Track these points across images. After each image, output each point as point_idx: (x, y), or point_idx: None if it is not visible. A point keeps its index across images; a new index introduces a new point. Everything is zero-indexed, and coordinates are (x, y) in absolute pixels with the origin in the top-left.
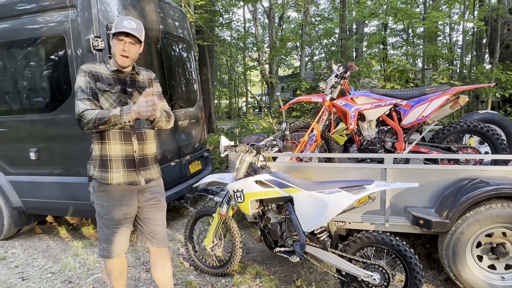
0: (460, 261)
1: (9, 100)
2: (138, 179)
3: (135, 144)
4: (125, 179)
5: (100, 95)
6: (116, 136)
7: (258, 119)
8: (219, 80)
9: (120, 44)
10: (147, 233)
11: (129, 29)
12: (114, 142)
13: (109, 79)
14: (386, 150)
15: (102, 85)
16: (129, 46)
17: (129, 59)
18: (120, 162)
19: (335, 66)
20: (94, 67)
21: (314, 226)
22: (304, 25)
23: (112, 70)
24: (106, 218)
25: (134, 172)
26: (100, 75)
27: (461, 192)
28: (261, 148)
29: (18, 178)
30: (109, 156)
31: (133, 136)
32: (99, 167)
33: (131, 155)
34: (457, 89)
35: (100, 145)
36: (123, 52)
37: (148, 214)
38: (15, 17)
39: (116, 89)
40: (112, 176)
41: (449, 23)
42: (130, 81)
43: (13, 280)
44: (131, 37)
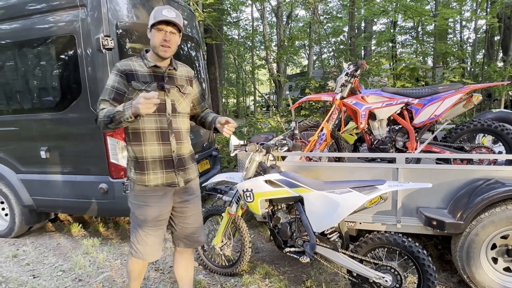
0: (474, 263)
1: (20, 99)
2: (177, 180)
3: (173, 144)
4: (163, 181)
5: (135, 94)
6: (153, 136)
7: (266, 118)
8: (227, 79)
9: (160, 34)
10: (183, 235)
11: (169, 17)
12: (150, 143)
13: (145, 76)
14: (397, 149)
15: (137, 84)
16: (170, 36)
17: (171, 49)
18: (158, 163)
19: (345, 64)
20: (130, 65)
21: (324, 227)
22: (313, 23)
23: (150, 66)
24: (141, 219)
25: (173, 173)
26: (135, 73)
27: (475, 192)
28: (270, 147)
29: (29, 177)
30: (145, 158)
31: (171, 136)
32: (135, 169)
33: (170, 155)
34: (470, 87)
35: (134, 147)
36: (164, 42)
37: (186, 216)
38: (26, 17)
39: (152, 86)
40: (149, 178)
41: (460, 21)
42: (168, 77)
43: (24, 277)
44: (172, 26)
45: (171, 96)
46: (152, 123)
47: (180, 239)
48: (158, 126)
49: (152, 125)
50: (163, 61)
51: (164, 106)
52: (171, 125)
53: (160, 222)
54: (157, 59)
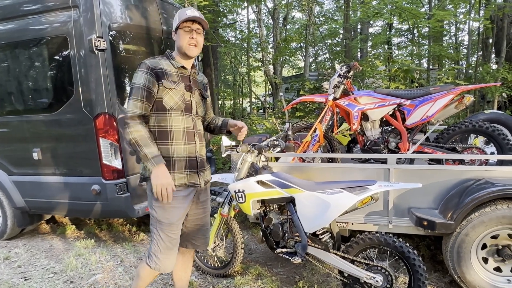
0: (465, 263)
1: (12, 100)
2: (199, 181)
3: (197, 144)
4: (187, 180)
5: (165, 93)
6: (180, 135)
7: (261, 120)
8: (223, 80)
9: (187, 33)
10: (192, 236)
11: (194, 17)
12: (177, 142)
13: (173, 75)
14: (389, 150)
15: (168, 82)
16: (196, 34)
17: (197, 48)
18: (183, 162)
19: (338, 65)
20: (159, 63)
21: (316, 227)
22: (308, 25)
23: (178, 66)
24: (165, 223)
25: (196, 173)
26: (165, 72)
27: (466, 193)
28: (262, 148)
29: (21, 178)
30: (171, 157)
31: (196, 136)
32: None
33: (194, 155)
34: (462, 88)
35: (161, 145)
36: (191, 40)
37: (199, 217)
38: (19, 17)
39: (180, 86)
40: (174, 177)
41: (454, 23)
42: (193, 80)
43: (15, 279)
44: (197, 24)
45: (195, 98)
46: (179, 122)
47: (188, 240)
48: (184, 126)
49: (179, 124)
50: (188, 63)
51: (191, 106)
52: (196, 126)
53: (180, 224)
54: (183, 61)
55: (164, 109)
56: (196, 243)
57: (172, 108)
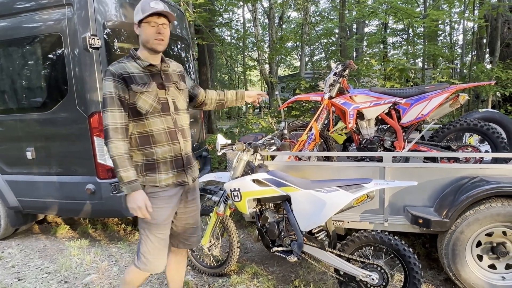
0: (460, 261)
1: (6, 98)
2: (187, 179)
3: (181, 142)
4: (174, 180)
5: (137, 98)
6: (162, 137)
7: (257, 119)
8: (219, 80)
9: (153, 28)
10: (182, 236)
11: (159, 9)
12: (161, 144)
13: (142, 77)
14: (385, 149)
15: (138, 87)
16: (162, 28)
17: (165, 42)
18: (169, 163)
19: (333, 64)
20: (124, 67)
21: (311, 225)
22: (304, 24)
23: (145, 66)
24: (153, 223)
25: (183, 171)
26: (132, 76)
27: (461, 190)
28: (258, 147)
29: (15, 178)
30: (157, 160)
31: (178, 134)
32: (144, 171)
33: (179, 154)
34: (456, 87)
35: (145, 151)
36: (158, 35)
37: (189, 216)
38: (13, 15)
39: (152, 87)
40: (160, 178)
41: (449, 22)
42: (164, 74)
43: (8, 280)
44: (163, 17)
45: (171, 94)
46: (159, 125)
47: (179, 239)
48: (165, 127)
49: (159, 126)
50: (156, 58)
51: (167, 105)
52: (177, 123)
53: (167, 224)
54: (150, 57)
55: (140, 114)
56: (188, 242)
57: (148, 112)
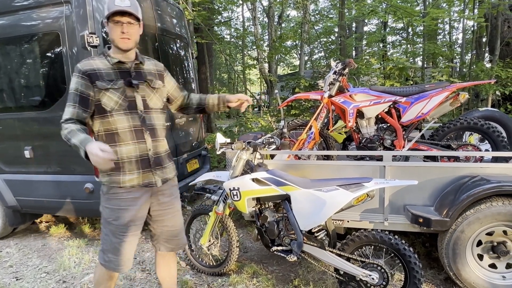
0: (460, 260)
1: (4, 97)
2: (155, 180)
3: (148, 142)
4: (140, 181)
5: (102, 95)
6: (127, 135)
7: (256, 118)
8: (218, 78)
9: (117, 27)
10: (163, 238)
11: (123, 7)
12: (126, 143)
13: (110, 74)
14: (385, 147)
15: (102, 83)
16: (127, 27)
17: (131, 40)
18: (134, 163)
19: (333, 63)
20: (91, 64)
21: (311, 225)
22: (303, 23)
23: (113, 63)
24: (115, 224)
25: (150, 172)
26: (98, 72)
27: (461, 190)
28: (257, 146)
29: (13, 177)
30: (120, 159)
31: (146, 133)
32: (109, 170)
33: (146, 154)
34: (457, 85)
35: None
36: (123, 34)
37: (165, 218)
38: (11, 13)
39: (118, 84)
40: (124, 178)
41: (449, 21)
42: (135, 72)
43: (6, 279)
44: (128, 16)
45: (141, 92)
46: (124, 122)
47: (160, 242)
48: (131, 125)
49: (124, 124)
50: (127, 55)
51: (135, 103)
52: (145, 122)
53: (135, 227)
54: (120, 54)
55: (105, 111)
56: (169, 245)
57: (113, 109)
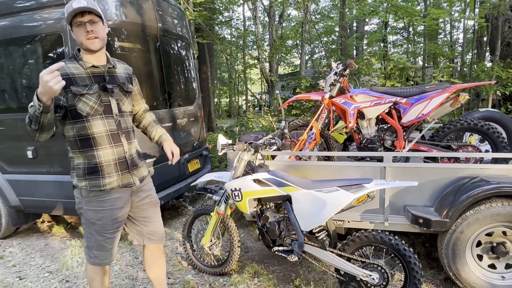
0: (460, 260)
1: (7, 98)
2: (133, 180)
3: (125, 145)
4: (119, 182)
5: (77, 100)
6: (104, 140)
7: (257, 118)
8: (219, 78)
9: (81, 28)
10: (146, 233)
11: (81, 8)
12: (103, 147)
13: (84, 79)
14: (385, 148)
15: (78, 88)
16: (91, 26)
17: (98, 39)
18: (113, 166)
19: (334, 64)
20: (64, 69)
21: (312, 225)
22: (304, 23)
23: (87, 67)
24: (99, 224)
25: (128, 173)
26: (73, 77)
27: (461, 190)
28: (259, 147)
29: (15, 177)
30: (99, 163)
31: (122, 136)
32: (88, 175)
33: (123, 156)
34: (457, 86)
35: (86, 153)
36: (88, 34)
37: (146, 213)
38: (13, 14)
39: (94, 89)
40: (104, 182)
41: (449, 21)
42: (109, 76)
43: (10, 279)
44: (88, 14)
45: (115, 96)
46: (100, 127)
47: (145, 236)
48: (107, 129)
49: (101, 128)
50: (99, 58)
51: (110, 107)
52: (120, 126)
53: (118, 224)
54: (91, 57)
55: (81, 116)
56: (153, 237)
57: (89, 114)
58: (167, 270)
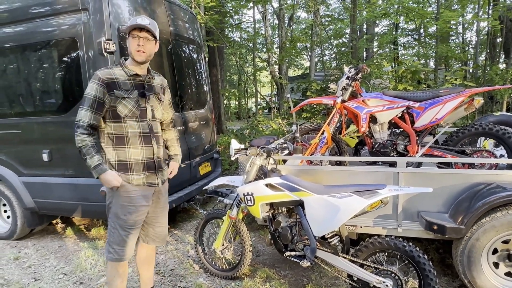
0: (475, 268)
1: (23, 102)
2: (157, 181)
3: (155, 147)
4: (145, 180)
5: (118, 102)
6: (136, 140)
7: (267, 120)
8: (229, 81)
9: (135, 40)
10: (152, 233)
11: (142, 24)
12: (134, 146)
13: (126, 84)
14: (398, 153)
15: (120, 92)
16: (144, 42)
17: (145, 54)
18: (141, 165)
19: (346, 68)
20: (110, 73)
21: (325, 231)
22: (314, 25)
23: (131, 75)
24: (124, 219)
25: (154, 174)
26: (117, 82)
27: (476, 197)
28: (271, 151)
29: (31, 179)
30: (128, 161)
31: (153, 139)
32: (117, 170)
33: (151, 158)
34: (472, 91)
35: (118, 150)
36: (138, 47)
37: (157, 217)
38: (29, 20)
39: (134, 94)
40: (132, 177)
41: (461, 23)
42: (148, 85)
43: (25, 280)
44: (145, 32)
45: (151, 103)
46: (135, 128)
47: (150, 236)
48: (140, 131)
49: (135, 130)
50: (142, 69)
51: (145, 112)
52: (152, 130)
53: (140, 220)
54: (136, 67)
55: (119, 117)
56: (157, 239)
57: (126, 116)
58: (179, 273)
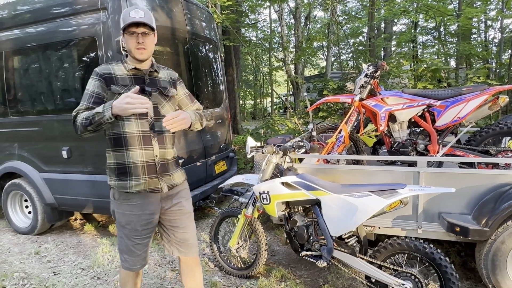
0: (500, 272)
1: (43, 100)
2: (161, 186)
3: (156, 148)
4: (146, 186)
5: (115, 98)
6: (135, 141)
7: (283, 120)
8: (245, 80)
9: (133, 38)
10: (175, 242)
11: (137, 18)
12: (133, 148)
13: (125, 79)
14: (418, 152)
15: (117, 87)
16: (142, 37)
17: (147, 50)
18: (140, 168)
19: (365, 65)
20: (109, 68)
21: (342, 231)
22: (331, 24)
23: (129, 69)
24: (128, 228)
25: (156, 178)
26: (115, 77)
27: (502, 198)
28: (287, 149)
29: (51, 176)
30: (127, 164)
31: (154, 140)
32: (116, 175)
33: (152, 160)
34: (496, 89)
35: (116, 153)
36: (138, 45)
37: (174, 221)
38: (50, 20)
39: (132, 89)
40: (131, 184)
41: (484, 20)
42: (149, 79)
43: (45, 274)
44: (142, 26)
45: (153, 99)
46: (133, 127)
47: (172, 245)
48: (139, 130)
49: (133, 129)
50: (143, 63)
51: None
52: (154, 129)
53: (147, 230)
54: (137, 62)
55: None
56: (181, 249)
57: None
58: None
